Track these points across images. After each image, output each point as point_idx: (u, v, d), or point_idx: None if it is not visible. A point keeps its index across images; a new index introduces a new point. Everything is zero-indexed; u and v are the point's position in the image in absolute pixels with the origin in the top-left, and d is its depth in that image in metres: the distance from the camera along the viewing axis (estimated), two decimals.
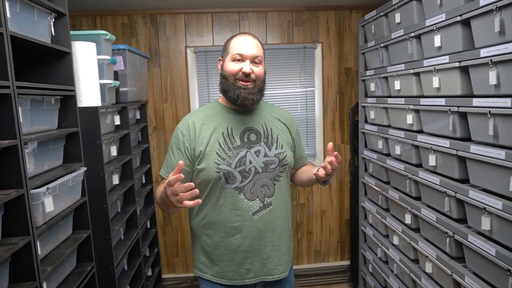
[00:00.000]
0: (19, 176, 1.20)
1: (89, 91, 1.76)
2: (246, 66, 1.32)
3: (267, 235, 1.37)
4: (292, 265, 1.55)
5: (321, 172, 1.30)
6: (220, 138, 1.35)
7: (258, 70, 1.34)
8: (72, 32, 1.65)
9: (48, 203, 1.32)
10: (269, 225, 1.37)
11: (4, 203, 1.16)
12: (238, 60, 1.32)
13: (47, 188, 1.32)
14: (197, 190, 1.10)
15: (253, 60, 1.33)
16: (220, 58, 1.41)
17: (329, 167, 1.25)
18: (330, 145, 1.25)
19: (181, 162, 1.10)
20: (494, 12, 1.31)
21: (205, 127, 1.37)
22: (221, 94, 1.43)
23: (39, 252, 1.30)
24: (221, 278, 1.40)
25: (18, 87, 1.21)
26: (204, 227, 1.39)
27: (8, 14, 1.18)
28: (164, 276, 3.07)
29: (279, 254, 1.41)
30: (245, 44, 1.33)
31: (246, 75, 1.32)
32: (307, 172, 1.51)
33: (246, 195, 1.34)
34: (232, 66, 1.33)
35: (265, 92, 1.44)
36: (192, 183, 1.10)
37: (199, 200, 1.15)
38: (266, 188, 1.36)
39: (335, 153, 1.25)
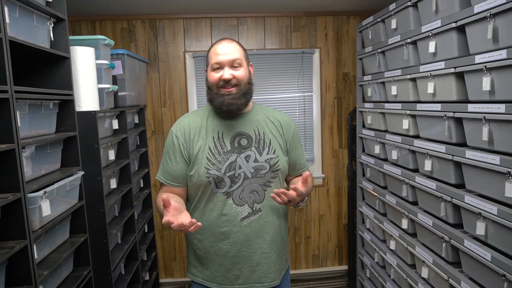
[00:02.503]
0: (17, 180, 1.20)
1: (87, 96, 1.77)
2: (226, 73, 1.31)
3: (256, 242, 1.35)
4: (288, 273, 1.51)
5: (277, 200, 1.24)
6: (211, 143, 1.35)
7: (239, 73, 1.33)
8: (71, 37, 1.66)
9: (45, 207, 1.32)
10: (258, 231, 1.35)
11: (1, 207, 1.16)
12: (217, 68, 1.32)
13: (44, 192, 1.33)
14: (199, 224, 1.14)
15: (232, 65, 1.32)
16: (206, 69, 1.41)
17: (277, 199, 1.23)
18: (305, 174, 1.24)
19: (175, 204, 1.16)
20: (488, 19, 1.33)
21: (197, 131, 1.36)
22: None
23: (36, 256, 1.30)
24: (211, 282, 1.39)
25: (16, 91, 1.22)
26: (196, 231, 1.38)
27: (7, 19, 1.19)
28: (161, 280, 3.06)
29: (269, 261, 1.38)
30: (221, 51, 1.32)
31: (227, 82, 1.31)
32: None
33: (234, 200, 1.33)
34: (213, 76, 1.33)
35: (263, 97, 1.44)
36: (199, 223, 1.14)
37: (199, 224, 1.15)
38: (256, 194, 1.35)
39: (297, 189, 1.21)
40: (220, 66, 1.32)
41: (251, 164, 1.35)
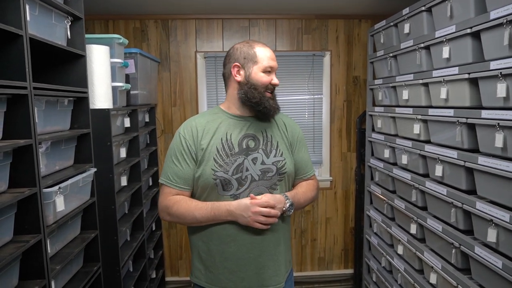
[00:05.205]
0: (33, 175, 1.22)
1: (101, 94, 1.79)
2: (276, 79, 1.38)
3: (262, 244, 1.34)
4: (291, 275, 1.50)
5: None
6: (218, 144, 1.33)
7: None
8: (86, 36, 1.68)
9: (59, 203, 1.34)
10: (265, 234, 1.34)
11: (17, 201, 1.18)
12: (268, 72, 1.36)
13: (59, 188, 1.35)
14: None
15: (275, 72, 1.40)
16: (238, 64, 1.35)
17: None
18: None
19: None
20: (504, 25, 1.32)
21: (205, 132, 1.34)
22: (228, 101, 1.40)
23: (49, 251, 1.32)
24: (214, 286, 1.37)
25: (35, 88, 1.24)
26: (200, 233, 1.37)
27: (28, 17, 1.21)
28: (167, 279, 3.08)
29: (275, 264, 1.37)
30: (273, 57, 1.38)
31: (274, 87, 1.38)
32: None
33: None
34: (265, 77, 1.35)
35: None
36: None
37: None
38: None
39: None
40: (271, 71, 1.37)
41: (258, 167, 1.34)
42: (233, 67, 1.37)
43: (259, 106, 1.35)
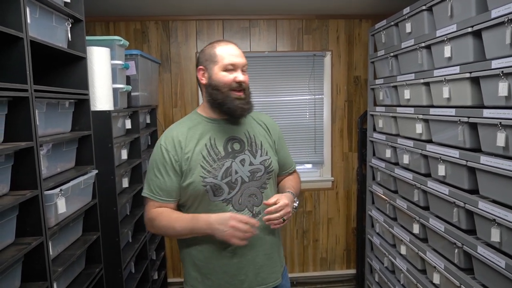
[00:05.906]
0: (34, 177, 1.22)
1: (102, 95, 1.79)
2: (241, 75, 1.29)
3: (258, 244, 1.34)
4: (286, 271, 1.51)
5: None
6: (203, 150, 1.29)
7: (247, 78, 1.33)
8: (87, 38, 1.68)
9: (61, 205, 1.35)
10: (260, 233, 1.32)
11: (18, 204, 1.19)
12: (231, 70, 1.29)
13: (60, 190, 1.35)
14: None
15: (242, 69, 1.32)
16: (202, 67, 1.33)
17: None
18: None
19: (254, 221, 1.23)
20: (506, 24, 1.32)
21: (188, 140, 1.30)
22: (203, 105, 1.39)
23: (51, 253, 1.32)
24: None
25: (36, 90, 1.24)
26: (195, 242, 1.33)
27: (28, 20, 1.21)
28: (169, 280, 3.08)
29: (272, 262, 1.38)
30: (235, 53, 1.31)
31: (240, 85, 1.29)
32: (283, 188, 1.47)
33: (234, 206, 1.30)
34: (226, 77, 1.28)
35: (274, 99, 1.44)
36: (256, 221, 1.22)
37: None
38: (254, 197, 1.33)
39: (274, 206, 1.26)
40: (234, 68, 1.29)
41: (246, 168, 1.32)
42: (198, 71, 1.35)
43: (222, 107, 1.31)
